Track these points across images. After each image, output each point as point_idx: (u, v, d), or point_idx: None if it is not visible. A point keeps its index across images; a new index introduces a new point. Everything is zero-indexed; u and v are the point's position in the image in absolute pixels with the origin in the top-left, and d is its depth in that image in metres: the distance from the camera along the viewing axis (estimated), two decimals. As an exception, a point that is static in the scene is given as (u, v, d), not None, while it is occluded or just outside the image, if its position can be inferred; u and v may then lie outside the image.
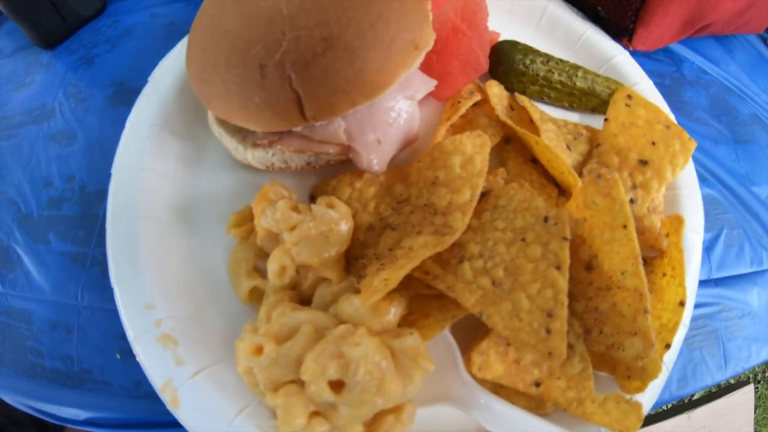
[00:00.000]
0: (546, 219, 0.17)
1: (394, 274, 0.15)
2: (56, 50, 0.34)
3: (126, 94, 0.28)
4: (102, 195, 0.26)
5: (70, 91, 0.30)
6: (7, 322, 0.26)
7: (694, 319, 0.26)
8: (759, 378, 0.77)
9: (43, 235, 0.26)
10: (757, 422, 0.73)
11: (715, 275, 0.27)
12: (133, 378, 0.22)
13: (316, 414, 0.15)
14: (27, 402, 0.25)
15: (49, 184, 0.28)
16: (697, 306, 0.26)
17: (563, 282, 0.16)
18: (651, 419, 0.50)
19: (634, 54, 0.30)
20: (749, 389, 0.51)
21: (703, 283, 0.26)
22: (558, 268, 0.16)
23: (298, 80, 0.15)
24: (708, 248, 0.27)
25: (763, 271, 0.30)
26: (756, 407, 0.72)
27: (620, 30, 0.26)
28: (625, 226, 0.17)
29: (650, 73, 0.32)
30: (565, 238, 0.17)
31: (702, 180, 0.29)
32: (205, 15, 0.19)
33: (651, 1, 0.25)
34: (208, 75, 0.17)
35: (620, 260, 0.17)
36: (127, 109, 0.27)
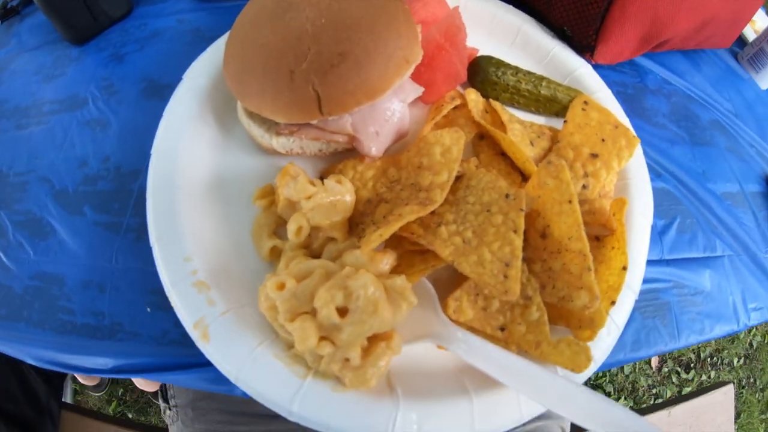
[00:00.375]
0: (507, 195, 0.24)
1: (386, 230, 0.22)
2: (85, 47, 0.41)
3: (157, 90, 0.36)
4: (137, 174, 0.33)
5: (102, 84, 0.37)
6: (38, 285, 0.31)
7: (646, 291, 0.32)
8: (743, 383, 0.84)
9: (77, 207, 0.33)
10: (741, 427, 0.79)
11: (667, 257, 0.34)
12: (161, 328, 0.28)
13: (323, 338, 0.21)
14: (53, 356, 0.29)
15: (84, 164, 0.34)
16: (649, 281, 0.32)
17: (518, 242, 0.23)
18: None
19: (601, 67, 0.39)
20: (729, 389, 0.57)
21: (655, 263, 0.33)
22: (515, 231, 0.23)
23: (319, 84, 0.22)
24: (661, 233, 0.35)
25: (717, 257, 0.36)
26: (741, 412, 0.78)
27: (583, 47, 0.34)
28: (570, 201, 0.24)
29: (614, 83, 0.40)
30: (521, 210, 0.24)
31: (657, 175, 0.37)
32: (241, 29, 0.26)
33: (608, 22, 0.33)
34: (245, 77, 0.25)
35: (567, 228, 0.24)
36: (159, 102, 0.34)
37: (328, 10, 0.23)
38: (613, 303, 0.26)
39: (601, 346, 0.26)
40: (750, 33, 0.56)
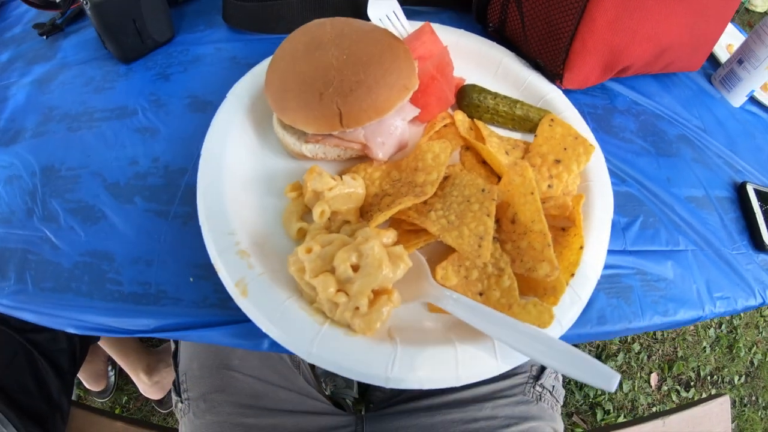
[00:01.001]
0: (483, 190, 0.36)
1: (389, 212, 0.33)
2: (133, 65, 0.54)
3: (200, 105, 0.48)
4: (183, 172, 0.44)
5: (151, 98, 0.50)
6: (87, 261, 0.39)
7: (609, 276, 0.42)
8: (746, 401, 0.91)
9: (128, 198, 0.43)
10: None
11: (630, 248, 0.44)
12: (202, 294, 0.38)
13: (340, 291, 0.32)
14: (97, 320, 0.37)
15: (134, 162, 0.46)
16: (612, 267, 0.42)
17: (490, 222, 0.34)
18: (625, 425, 0.65)
19: (574, 92, 0.51)
20: (725, 400, 0.66)
21: (618, 252, 0.43)
22: (488, 215, 0.34)
23: (341, 104, 0.35)
24: (624, 228, 0.45)
25: (680, 251, 0.46)
26: (743, 430, 0.85)
27: (554, 75, 0.47)
28: (532, 193, 0.36)
29: (586, 105, 0.52)
30: (493, 200, 0.35)
31: (622, 181, 0.48)
32: (280, 60, 0.39)
33: (572, 55, 0.46)
34: (284, 96, 0.37)
35: (530, 214, 0.36)
36: (202, 115, 0.47)
37: (348, 50, 0.36)
38: (572, 275, 0.36)
39: (567, 315, 0.36)
40: (725, 54, 0.68)
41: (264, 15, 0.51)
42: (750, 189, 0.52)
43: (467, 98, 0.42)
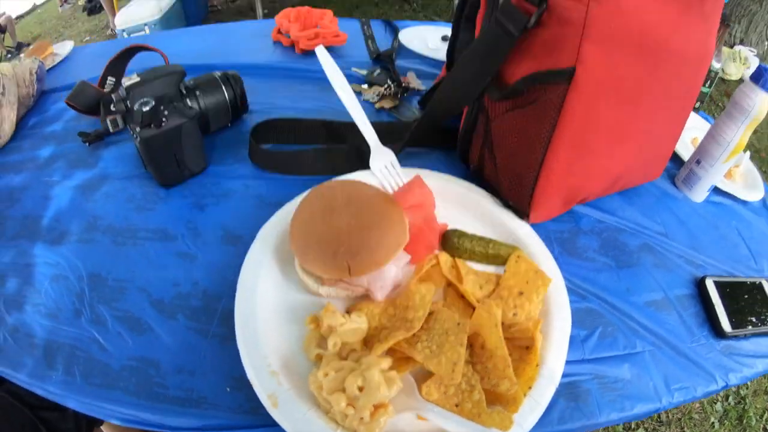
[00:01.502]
0: (458, 324, 0.58)
1: (386, 344, 0.56)
2: (171, 191, 0.77)
3: (232, 238, 0.71)
4: (220, 297, 0.66)
5: (189, 226, 0.73)
6: (136, 366, 0.54)
7: (568, 383, 0.62)
8: None
9: (172, 314, 0.64)
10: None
11: (588, 357, 0.64)
12: (237, 402, 0.58)
13: (349, 404, 0.53)
14: (141, 416, 0.51)
15: (176, 284, 0.68)
16: (571, 375, 0.62)
17: (462, 351, 0.56)
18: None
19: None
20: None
21: (576, 362, 0.63)
22: (461, 345, 0.56)
23: (350, 260, 0.58)
24: (583, 340, 0.66)
25: (636, 353, 0.60)
26: None
27: (522, 213, 0.71)
28: (496, 325, 0.58)
29: (552, 231, 0.75)
30: (465, 332, 0.57)
31: (582, 298, 0.70)
32: (301, 220, 0.63)
33: (536, 196, 0.69)
34: (306, 250, 0.60)
35: (495, 342, 0.57)
36: (233, 248, 0.70)
37: (355, 217, 0.60)
38: (530, 387, 0.57)
39: (528, 419, 0.57)
40: (689, 150, 0.90)
41: (284, 160, 0.75)
42: (709, 283, 0.69)
43: (449, 242, 0.66)
